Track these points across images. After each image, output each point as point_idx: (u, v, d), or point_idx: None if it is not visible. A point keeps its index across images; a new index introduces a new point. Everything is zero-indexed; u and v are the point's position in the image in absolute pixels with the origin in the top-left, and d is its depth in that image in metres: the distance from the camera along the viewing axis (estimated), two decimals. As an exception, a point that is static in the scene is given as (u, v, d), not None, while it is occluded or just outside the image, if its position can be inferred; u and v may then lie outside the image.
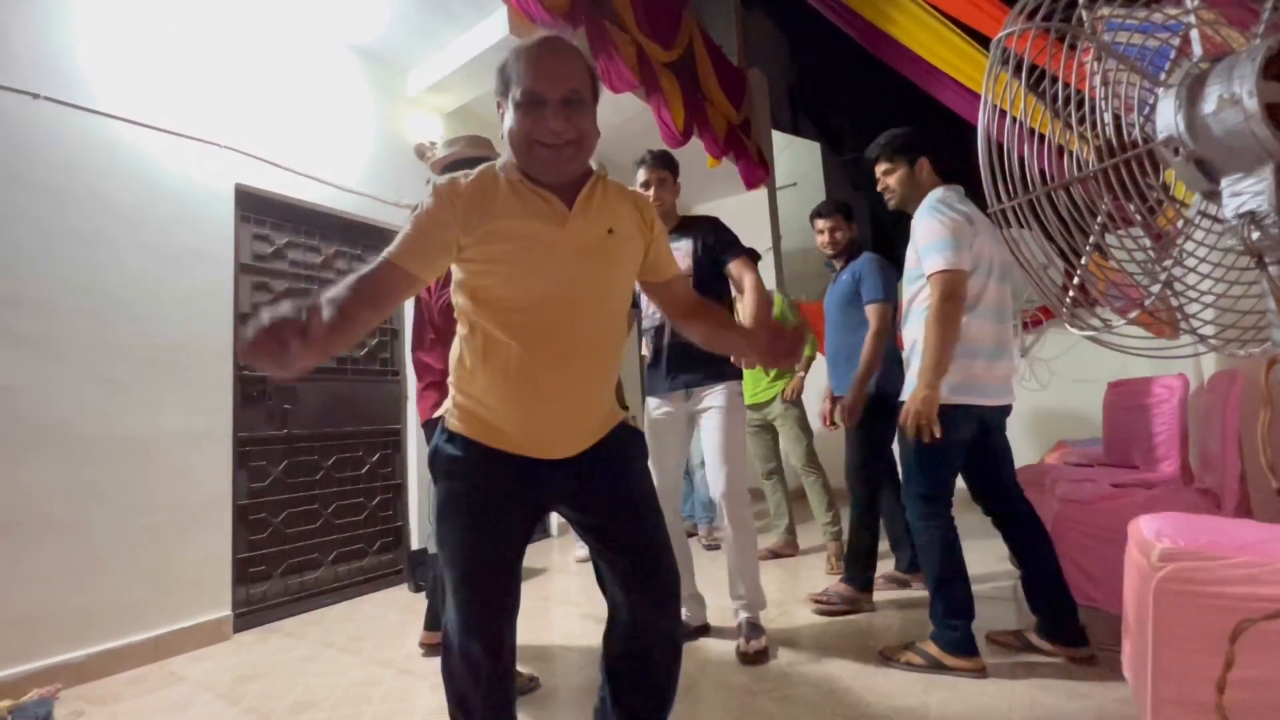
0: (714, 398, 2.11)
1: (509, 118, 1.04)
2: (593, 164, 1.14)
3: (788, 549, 3.48)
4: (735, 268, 2.11)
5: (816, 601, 2.44)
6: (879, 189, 2.09)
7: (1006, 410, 1.96)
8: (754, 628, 2.09)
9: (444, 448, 1.13)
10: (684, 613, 2.23)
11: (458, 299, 1.12)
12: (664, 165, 2.23)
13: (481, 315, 1.08)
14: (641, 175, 2.24)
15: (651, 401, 2.25)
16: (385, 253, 1.03)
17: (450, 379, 1.17)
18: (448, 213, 1.04)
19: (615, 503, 1.17)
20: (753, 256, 2.20)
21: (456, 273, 1.10)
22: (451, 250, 1.06)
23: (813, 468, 3.32)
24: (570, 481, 1.14)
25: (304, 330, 0.83)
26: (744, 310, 2.07)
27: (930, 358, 1.75)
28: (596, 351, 1.13)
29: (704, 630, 2.27)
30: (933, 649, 1.83)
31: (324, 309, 0.91)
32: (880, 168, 2.07)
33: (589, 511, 1.18)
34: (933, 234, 1.82)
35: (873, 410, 2.45)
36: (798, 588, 2.82)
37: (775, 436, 3.47)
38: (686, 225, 2.24)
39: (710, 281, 2.11)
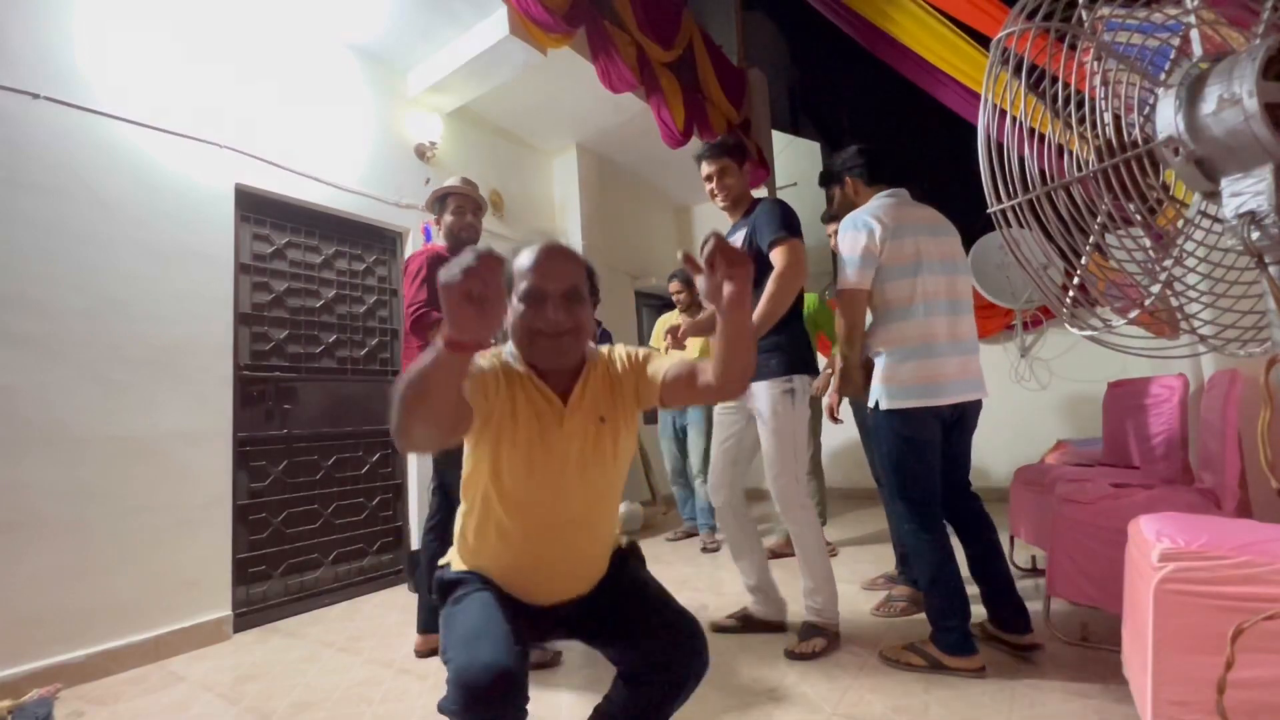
0: (758, 399, 2.06)
1: (513, 312, 1.13)
2: (589, 351, 1.24)
3: (788, 548, 3.48)
4: (773, 256, 2.00)
5: (877, 612, 2.38)
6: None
7: (965, 407, 1.95)
8: (811, 629, 2.04)
9: (448, 575, 1.21)
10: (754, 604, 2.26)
11: (467, 469, 1.20)
12: (724, 153, 2.17)
13: (485, 489, 1.16)
14: (704, 170, 2.19)
15: None
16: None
17: (454, 547, 1.26)
18: (492, 376, 1.13)
19: (620, 623, 1.21)
20: (793, 231, 2.02)
21: (473, 439, 1.16)
22: (482, 412, 1.11)
23: (814, 474, 3.42)
24: (573, 611, 1.22)
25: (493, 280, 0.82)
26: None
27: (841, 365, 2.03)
28: (595, 526, 1.23)
29: (773, 627, 2.23)
30: (932, 649, 1.83)
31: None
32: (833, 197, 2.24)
33: (598, 626, 1.23)
34: (842, 249, 1.96)
35: None
36: (797, 586, 2.81)
37: None
38: (748, 212, 2.16)
39: (756, 271, 2.03)
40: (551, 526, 1.17)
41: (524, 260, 1.13)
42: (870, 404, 1.96)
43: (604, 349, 1.29)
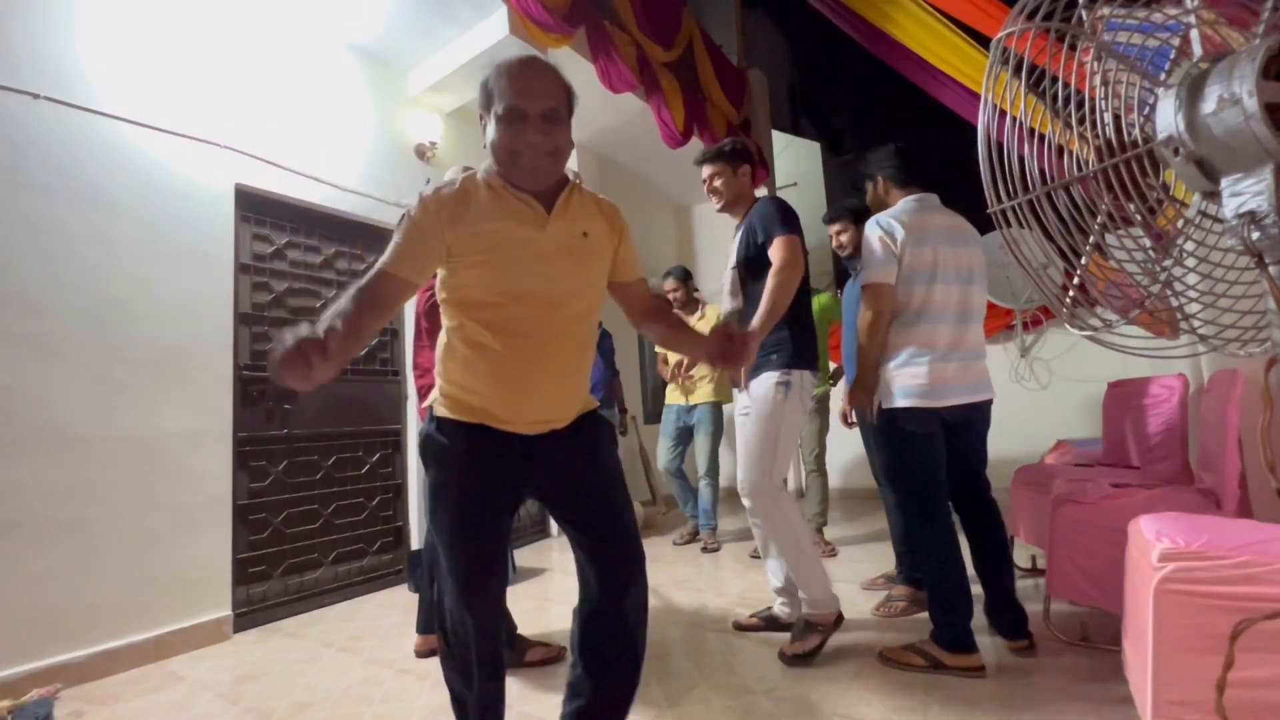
0: (753, 390, 2.05)
1: (491, 129, 1.14)
2: (568, 173, 1.25)
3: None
4: (770, 252, 2.00)
5: (878, 612, 2.37)
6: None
7: (970, 409, 1.96)
8: (805, 626, 2.01)
9: (434, 436, 1.22)
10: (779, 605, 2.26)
11: (442, 295, 1.20)
12: (715, 158, 2.20)
13: (465, 311, 1.17)
14: (704, 173, 2.24)
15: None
16: (380, 263, 1.12)
17: (437, 369, 1.25)
18: (434, 220, 1.13)
19: (582, 481, 1.26)
20: (790, 227, 2.01)
21: (441, 272, 1.19)
22: (440, 255, 1.15)
23: (818, 473, 3.49)
24: (545, 463, 1.23)
25: (324, 347, 0.91)
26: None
27: (859, 361, 2.03)
28: (571, 343, 1.23)
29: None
30: (933, 649, 1.83)
31: (336, 324, 1.00)
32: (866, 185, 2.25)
33: (559, 490, 1.27)
34: (866, 246, 2.02)
35: None
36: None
37: None
38: (749, 211, 2.17)
39: (755, 267, 2.04)
40: (532, 331, 1.17)
41: (502, 77, 1.12)
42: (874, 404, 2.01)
43: (584, 188, 1.30)
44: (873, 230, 2.00)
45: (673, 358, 3.91)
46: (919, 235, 1.95)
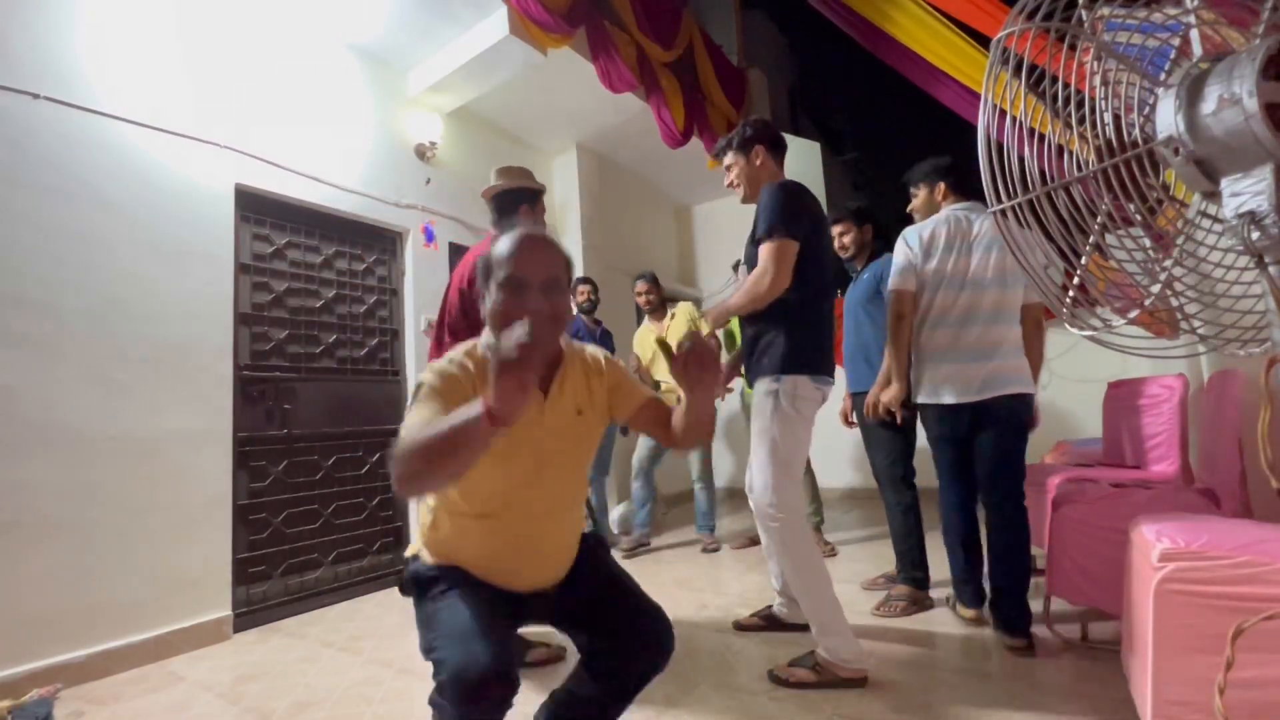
0: (754, 396, 1.98)
1: (491, 298, 1.13)
2: (562, 343, 1.23)
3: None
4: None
5: (878, 612, 2.36)
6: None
7: (979, 408, 2.06)
8: (809, 661, 1.83)
9: (423, 570, 1.18)
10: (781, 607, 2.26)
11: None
12: (726, 149, 2.09)
13: (460, 496, 1.15)
14: (724, 165, 2.13)
15: None
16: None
17: (421, 538, 1.23)
18: (462, 392, 1.09)
19: (594, 592, 1.24)
20: (785, 228, 1.84)
21: None
22: None
23: (807, 470, 3.44)
24: (546, 596, 1.23)
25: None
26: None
27: (885, 361, 2.28)
28: (567, 513, 1.24)
29: (800, 628, 2.10)
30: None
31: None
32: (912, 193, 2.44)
33: (575, 612, 1.24)
34: (894, 255, 2.27)
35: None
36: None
37: None
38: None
39: (752, 265, 1.94)
40: (525, 518, 1.17)
41: (503, 248, 1.14)
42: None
43: (578, 346, 1.29)
44: (899, 241, 2.25)
45: (644, 359, 3.78)
46: (929, 250, 2.17)
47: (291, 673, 2.16)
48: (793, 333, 1.88)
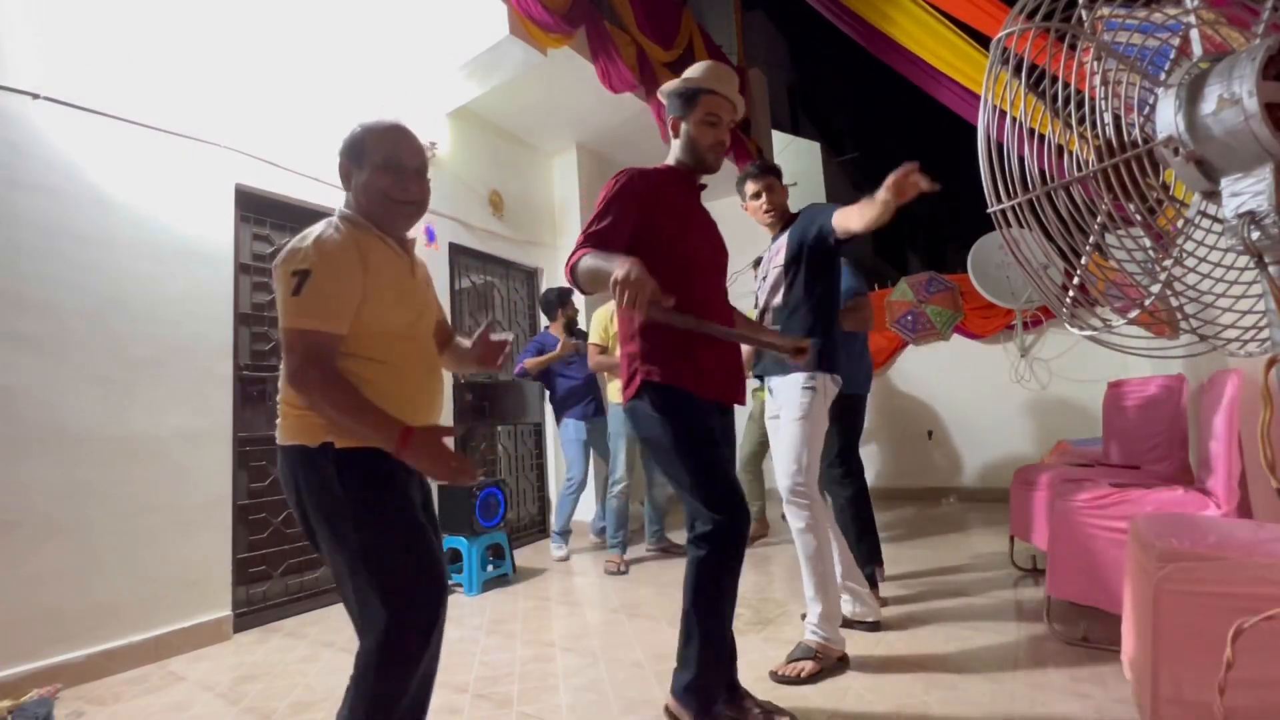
0: (783, 392, 2.05)
1: (366, 176, 1.28)
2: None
3: (759, 529, 3.85)
4: (835, 221, 1.89)
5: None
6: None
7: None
8: (804, 649, 1.91)
9: (345, 470, 1.28)
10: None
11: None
12: (769, 171, 2.24)
13: (371, 344, 1.25)
14: (750, 187, 2.22)
15: None
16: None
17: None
18: (359, 271, 1.24)
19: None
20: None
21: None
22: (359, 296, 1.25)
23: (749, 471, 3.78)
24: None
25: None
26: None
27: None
28: (437, 355, 1.45)
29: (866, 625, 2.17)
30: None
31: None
32: None
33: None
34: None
35: (842, 408, 2.32)
36: (797, 585, 2.81)
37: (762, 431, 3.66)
38: (788, 224, 2.17)
39: (817, 273, 2.02)
40: (419, 353, 1.33)
41: (378, 132, 1.29)
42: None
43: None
44: None
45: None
46: None
47: (291, 673, 2.16)
48: (829, 333, 2.05)
